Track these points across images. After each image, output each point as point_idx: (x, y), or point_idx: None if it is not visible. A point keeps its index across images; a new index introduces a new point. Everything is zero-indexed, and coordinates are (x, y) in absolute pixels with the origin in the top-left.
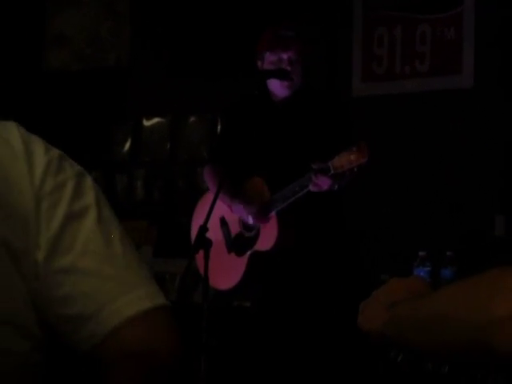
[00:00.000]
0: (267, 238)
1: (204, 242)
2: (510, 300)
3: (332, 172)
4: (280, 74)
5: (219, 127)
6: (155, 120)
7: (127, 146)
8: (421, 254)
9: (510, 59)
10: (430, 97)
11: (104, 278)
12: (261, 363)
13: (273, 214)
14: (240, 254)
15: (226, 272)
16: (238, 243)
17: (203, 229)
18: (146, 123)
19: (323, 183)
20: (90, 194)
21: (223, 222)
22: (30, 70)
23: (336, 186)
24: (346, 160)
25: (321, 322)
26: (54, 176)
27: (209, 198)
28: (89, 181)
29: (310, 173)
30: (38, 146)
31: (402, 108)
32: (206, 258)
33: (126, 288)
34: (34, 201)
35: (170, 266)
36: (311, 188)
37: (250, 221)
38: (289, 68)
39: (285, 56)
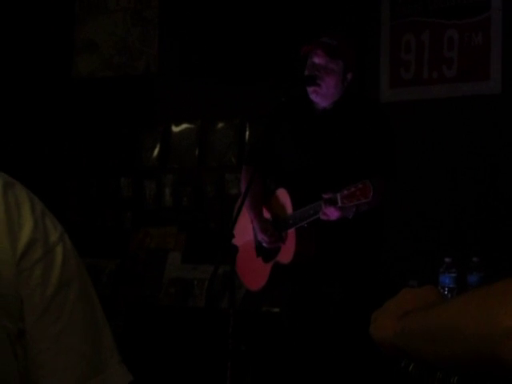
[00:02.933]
0: (286, 251)
1: (229, 249)
2: None
3: (339, 204)
4: (306, 80)
5: (247, 133)
6: (184, 126)
7: (156, 152)
8: (447, 260)
9: None
10: (457, 102)
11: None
12: (287, 368)
13: (290, 231)
14: (265, 260)
15: (254, 274)
16: (263, 250)
17: (228, 236)
18: (175, 129)
19: (331, 214)
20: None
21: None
22: (60, 77)
23: (347, 215)
24: (353, 194)
25: (341, 329)
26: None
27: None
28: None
29: (320, 201)
30: (27, 218)
31: (429, 114)
32: (232, 263)
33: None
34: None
35: (199, 272)
36: (320, 216)
37: (265, 245)
38: (317, 73)
39: (317, 61)
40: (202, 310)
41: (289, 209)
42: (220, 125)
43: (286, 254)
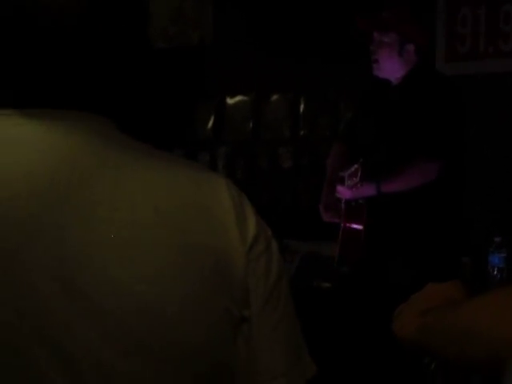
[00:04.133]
0: (341, 229)
1: None
2: None
3: (346, 183)
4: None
5: (301, 106)
6: (238, 98)
7: (210, 124)
8: (496, 239)
9: None
10: None
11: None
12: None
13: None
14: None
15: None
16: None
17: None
18: (229, 102)
19: (342, 192)
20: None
21: None
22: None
23: (363, 194)
24: (353, 174)
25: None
26: (260, 244)
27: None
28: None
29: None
30: (250, 212)
31: (485, 88)
32: (280, 241)
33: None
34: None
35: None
36: (337, 196)
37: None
38: (372, 48)
39: (375, 36)
40: None
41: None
42: (274, 98)
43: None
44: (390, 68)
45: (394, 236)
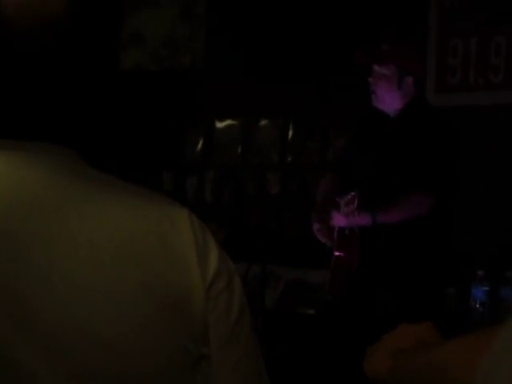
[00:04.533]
0: (333, 257)
1: None
2: None
3: (342, 211)
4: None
5: (290, 132)
6: (227, 122)
7: (199, 147)
8: (479, 272)
9: None
10: (503, 110)
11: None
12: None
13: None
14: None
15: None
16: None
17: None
18: (219, 125)
19: (337, 220)
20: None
21: None
22: (106, 69)
23: (358, 223)
24: (349, 202)
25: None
26: (221, 281)
27: None
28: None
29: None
30: (212, 247)
31: (474, 120)
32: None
33: None
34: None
35: (237, 270)
36: (332, 222)
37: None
38: (371, 80)
39: (374, 68)
40: None
41: None
42: (263, 122)
43: (333, 259)
44: (389, 100)
45: (384, 266)
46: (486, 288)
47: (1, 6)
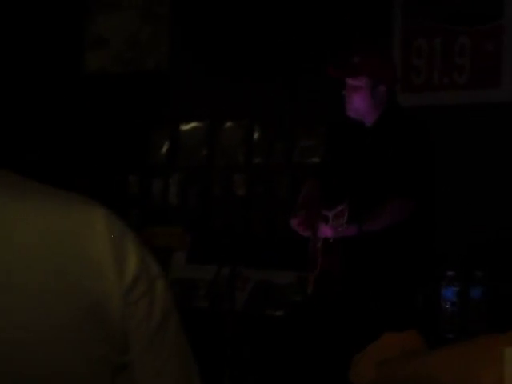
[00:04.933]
0: (315, 266)
1: None
2: (495, 370)
3: (330, 223)
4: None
5: (256, 133)
6: (192, 125)
7: (164, 150)
8: (449, 273)
9: None
10: (467, 109)
11: None
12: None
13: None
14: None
15: (309, 283)
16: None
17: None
18: (184, 128)
19: (324, 231)
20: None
21: None
22: (70, 72)
23: (346, 234)
24: (338, 215)
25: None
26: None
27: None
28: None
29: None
30: (131, 250)
31: (439, 120)
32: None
33: None
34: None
35: (203, 272)
36: (319, 234)
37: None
38: (344, 92)
39: (347, 81)
40: (205, 310)
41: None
42: (229, 124)
43: (315, 269)
44: (364, 110)
45: (367, 271)
46: (456, 288)
47: None
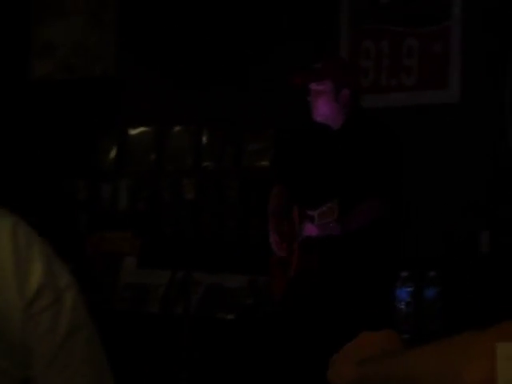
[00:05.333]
0: (292, 266)
1: None
2: (477, 367)
3: (316, 222)
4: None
5: (204, 138)
6: (141, 130)
7: (113, 155)
8: (403, 274)
9: (496, 74)
10: (415, 111)
11: None
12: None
13: (295, 245)
14: (283, 273)
15: (279, 283)
16: (282, 263)
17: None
18: (132, 133)
19: (309, 230)
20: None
21: None
22: (16, 79)
23: (330, 232)
24: (325, 213)
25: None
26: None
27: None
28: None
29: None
30: (37, 261)
31: (387, 121)
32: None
33: None
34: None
35: (154, 277)
36: (303, 233)
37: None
38: (308, 98)
39: (311, 87)
40: (157, 315)
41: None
42: (177, 129)
43: (292, 269)
44: (330, 114)
45: (344, 271)
46: (410, 289)
47: None
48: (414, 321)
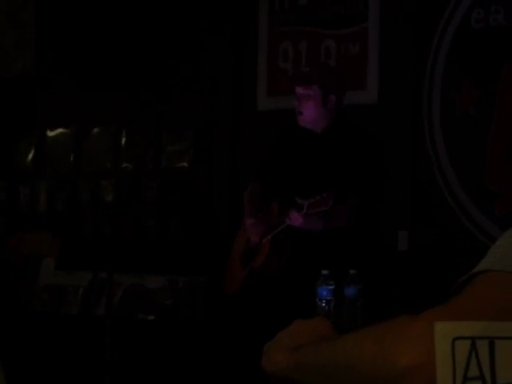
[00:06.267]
0: (259, 259)
1: None
2: (413, 350)
3: (304, 211)
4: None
5: (123, 139)
6: (59, 131)
7: (31, 156)
8: (323, 272)
9: (413, 75)
10: None
11: None
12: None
13: (266, 241)
14: (244, 266)
15: (233, 279)
16: (245, 257)
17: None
18: (50, 134)
19: (295, 219)
20: None
21: None
22: None
23: (313, 227)
24: (317, 203)
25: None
26: None
27: None
28: None
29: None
30: None
31: None
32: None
33: None
34: None
35: (73, 278)
36: (287, 221)
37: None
38: (296, 103)
39: (296, 91)
40: (76, 317)
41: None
42: (96, 130)
43: (258, 261)
44: (316, 118)
45: (311, 270)
46: (331, 287)
47: None
48: (335, 319)
